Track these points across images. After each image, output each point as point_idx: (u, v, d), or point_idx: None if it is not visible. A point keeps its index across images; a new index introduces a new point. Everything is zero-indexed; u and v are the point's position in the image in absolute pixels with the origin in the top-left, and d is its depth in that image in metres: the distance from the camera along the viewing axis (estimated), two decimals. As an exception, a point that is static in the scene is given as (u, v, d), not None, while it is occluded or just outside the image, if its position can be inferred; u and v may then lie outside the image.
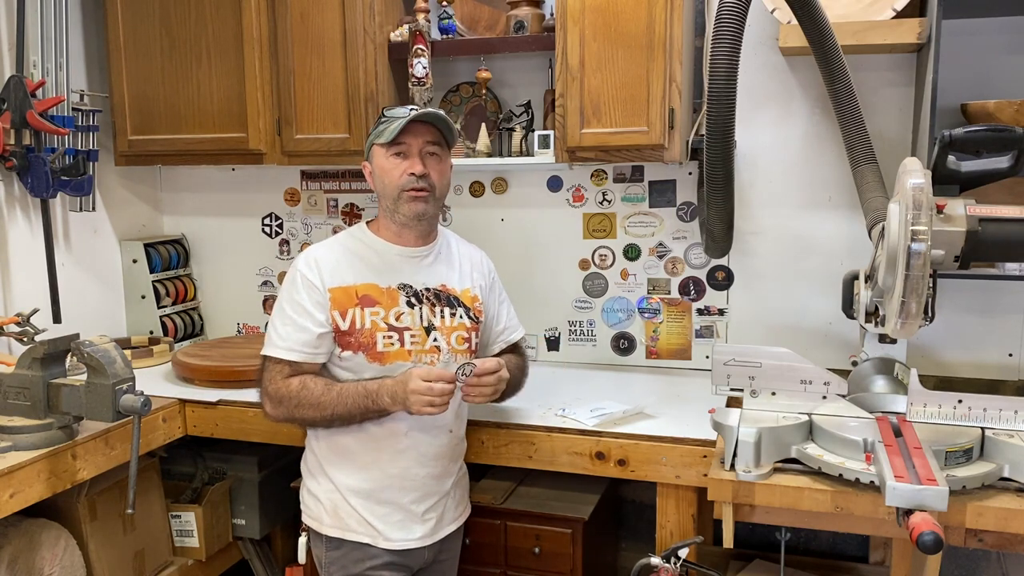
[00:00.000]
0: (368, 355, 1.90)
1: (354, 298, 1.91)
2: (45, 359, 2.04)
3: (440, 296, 1.98)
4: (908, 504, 1.50)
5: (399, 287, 1.94)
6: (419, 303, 1.95)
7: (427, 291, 1.97)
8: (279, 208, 3.17)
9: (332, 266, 1.92)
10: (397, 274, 1.96)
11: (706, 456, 2.00)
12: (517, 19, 2.59)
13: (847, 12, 2.20)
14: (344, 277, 1.92)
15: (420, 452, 1.94)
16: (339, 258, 1.95)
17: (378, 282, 1.94)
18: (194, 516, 2.62)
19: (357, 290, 1.92)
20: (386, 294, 1.93)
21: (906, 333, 1.61)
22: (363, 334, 1.90)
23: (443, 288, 1.99)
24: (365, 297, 1.92)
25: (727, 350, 1.89)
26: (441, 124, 1.92)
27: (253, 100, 2.68)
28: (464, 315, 2.00)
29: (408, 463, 1.93)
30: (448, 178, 1.98)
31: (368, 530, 1.93)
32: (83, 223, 2.94)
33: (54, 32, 2.67)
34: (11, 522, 2.10)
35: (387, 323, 1.91)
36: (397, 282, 1.95)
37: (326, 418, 1.85)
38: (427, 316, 1.95)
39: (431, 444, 1.96)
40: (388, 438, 1.91)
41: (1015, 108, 2.07)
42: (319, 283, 1.90)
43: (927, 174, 1.57)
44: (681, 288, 2.76)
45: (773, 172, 2.61)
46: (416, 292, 1.96)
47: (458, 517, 2.09)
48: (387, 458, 1.92)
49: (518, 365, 2.11)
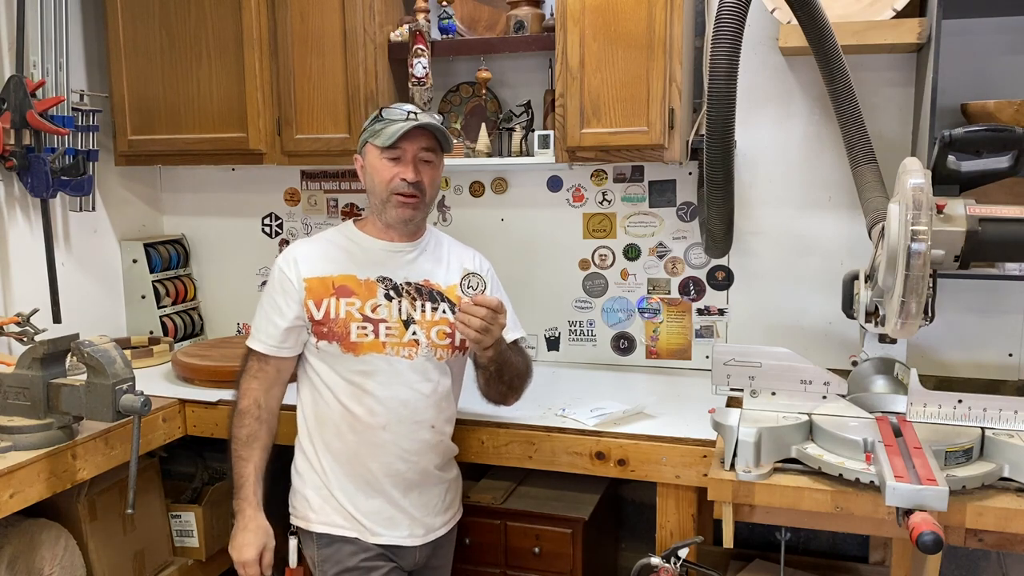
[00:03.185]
0: (342, 345, 1.91)
1: (330, 288, 1.94)
2: (45, 359, 2.04)
3: (422, 290, 1.97)
4: (908, 504, 1.50)
5: (378, 279, 1.96)
6: (398, 296, 1.96)
7: (408, 285, 1.97)
8: (279, 208, 3.17)
9: (311, 258, 1.97)
10: (378, 267, 1.97)
11: (706, 456, 2.00)
12: (517, 19, 2.59)
13: (847, 12, 2.20)
14: (324, 268, 1.95)
15: (401, 447, 1.93)
16: (321, 250, 1.99)
17: (357, 274, 1.96)
18: (194, 516, 2.62)
19: (334, 281, 1.95)
20: (364, 286, 1.95)
21: (906, 333, 1.61)
22: (337, 324, 1.91)
23: (426, 283, 1.99)
24: (342, 288, 1.94)
25: (727, 350, 1.89)
26: (438, 132, 1.92)
27: (253, 100, 2.68)
28: (448, 310, 1.97)
29: (390, 458, 1.93)
30: (439, 183, 2.01)
31: (355, 525, 1.94)
32: (83, 223, 2.94)
33: (54, 32, 2.67)
34: (11, 522, 2.10)
35: (362, 314, 1.92)
36: (376, 275, 1.96)
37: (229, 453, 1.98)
38: (406, 309, 1.95)
39: (411, 439, 1.94)
40: (367, 431, 1.92)
41: (1015, 108, 2.07)
42: (293, 276, 1.94)
43: (927, 174, 1.57)
44: (681, 288, 2.77)
45: (773, 172, 2.61)
46: (396, 285, 1.96)
47: (449, 520, 2.07)
48: (367, 452, 1.92)
49: (521, 360, 2.09)
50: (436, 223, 2.95)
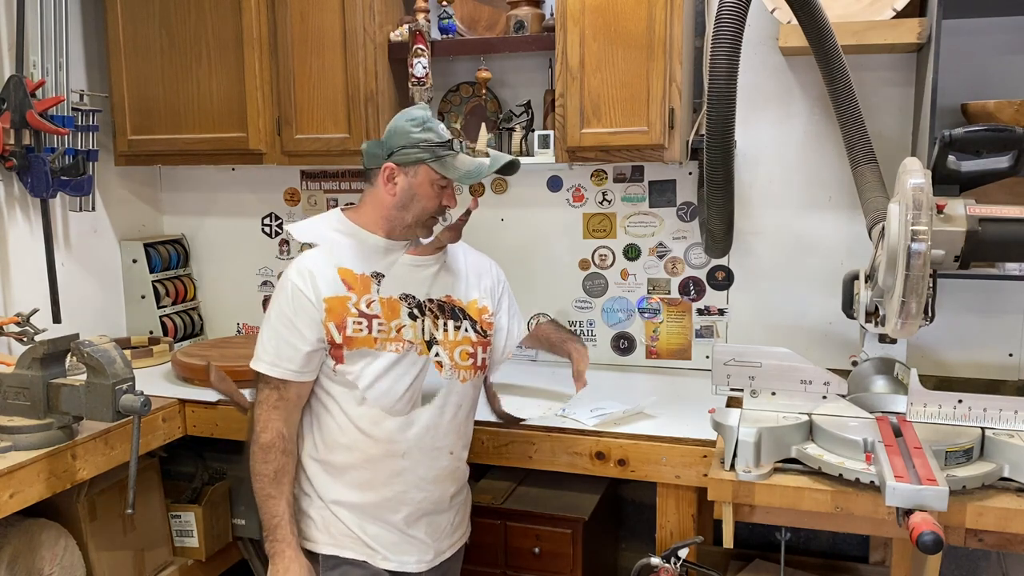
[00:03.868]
0: None
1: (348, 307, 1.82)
2: (45, 359, 2.04)
3: (444, 307, 1.90)
4: (908, 504, 1.50)
5: (401, 297, 1.85)
6: (421, 315, 1.86)
7: (430, 302, 1.88)
8: (279, 208, 3.16)
9: (327, 274, 1.81)
10: (399, 283, 1.87)
11: (706, 456, 2.00)
12: (517, 19, 2.59)
13: (847, 12, 2.20)
14: (338, 287, 1.81)
15: (419, 475, 1.86)
16: (335, 261, 1.83)
17: (353, 268, 1.83)
18: (194, 516, 2.62)
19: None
20: (359, 280, 1.83)
21: (906, 333, 1.61)
22: None
23: (448, 299, 1.91)
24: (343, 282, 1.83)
25: (727, 350, 1.89)
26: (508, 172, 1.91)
27: (253, 100, 2.68)
28: (470, 328, 1.91)
29: (405, 486, 1.86)
30: None
31: (363, 549, 1.86)
32: (83, 223, 2.94)
33: (54, 32, 2.67)
34: (11, 522, 2.09)
35: (358, 308, 1.81)
36: (371, 270, 1.85)
37: (255, 493, 1.84)
38: (429, 329, 1.86)
39: (431, 467, 1.88)
40: (385, 459, 1.83)
41: (1015, 108, 2.07)
42: (312, 295, 1.78)
43: (927, 174, 1.57)
44: (681, 288, 2.76)
45: (773, 172, 2.61)
46: (419, 303, 1.86)
47: (456, 541, 2.02)
48: (383, 479, 1.84)
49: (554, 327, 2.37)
50: (436, 223, 2.95)
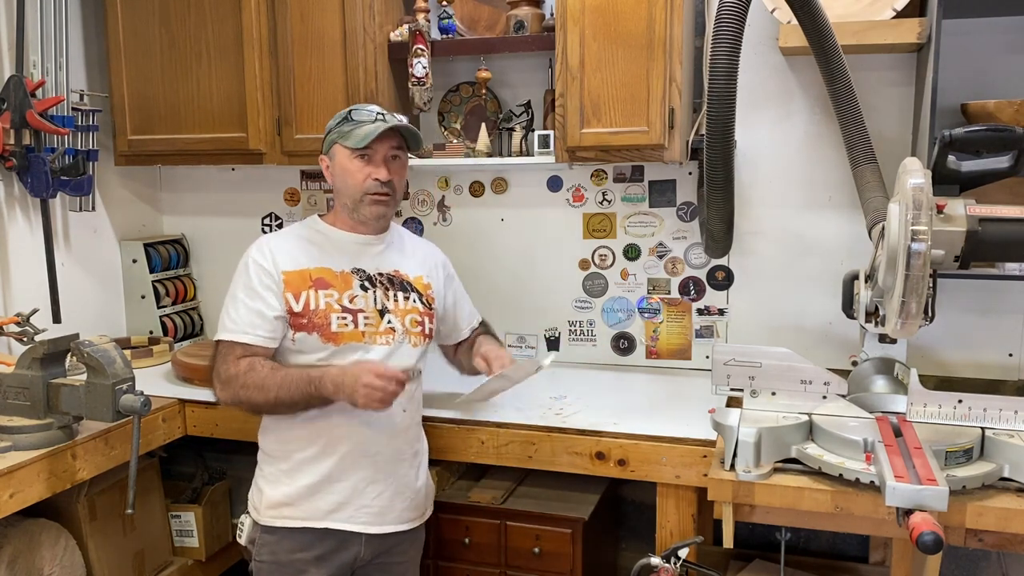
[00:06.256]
0: (322, 335, 1.92)
1: (308, 280, 1.95)
2: (45, 359, 2.04)
3: (393, 280, 2.03)
4: (908, 504, 1.50)
5: (353, 271, 1.99)
6: (372, 286, 1.99)
7: (380, 275, 2.02)
8: (279, 208, 3.16)
9: (285, 251, 1.97)
10: (351, 259, 2.00)
11: (706, 456, 2.00)
12: (517, 19, 2.59)
13: (847, 12, 2.20)
14: (298, 260, 1.96)
15: (372, 429, 1.93)
16: (292, 244, 2.00)
17: (332, 266, 1.98)
18: (194, 516, 2.63)
19: (311, 273, 1.96)
20: (340, 278, 1.97)
21: (906, 333, 1.62)
22: (317, 315, 1.92)
23: (396, 273, 2.05)
24: (319, 280, 1.95)
25: (727, 350, 1.89)
26: (407, 133, 1.96)
27: (253, 100, 2.68)
28: (417, 300, 2.05)
29: (361, 439, 1.93)
30: (406, 178, 2.05)
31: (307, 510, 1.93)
32: (83, 223, 2.93)
33: (54, 32, 2.67)
34: (11, 522, 2.10)
35: (341, 304, 1.94)
36: (351, 266, 1.99)
37: (270, 402, 1.86)
38: (380, 299, 1.99)
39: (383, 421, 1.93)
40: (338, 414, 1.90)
41: (1015, 108, 2.07)
42: (271, 267, 1.93)
43: (927, 174, 1.58)
44: (681, 288, 2.76)
45: (773, 172, 2.61)
46: (369, 276, 2.00)
47: (413, 519, 2.05)
48: (339, 435, 1.92)
49: (496, 341, 2.29)
50: (436, 223, 2.95)
